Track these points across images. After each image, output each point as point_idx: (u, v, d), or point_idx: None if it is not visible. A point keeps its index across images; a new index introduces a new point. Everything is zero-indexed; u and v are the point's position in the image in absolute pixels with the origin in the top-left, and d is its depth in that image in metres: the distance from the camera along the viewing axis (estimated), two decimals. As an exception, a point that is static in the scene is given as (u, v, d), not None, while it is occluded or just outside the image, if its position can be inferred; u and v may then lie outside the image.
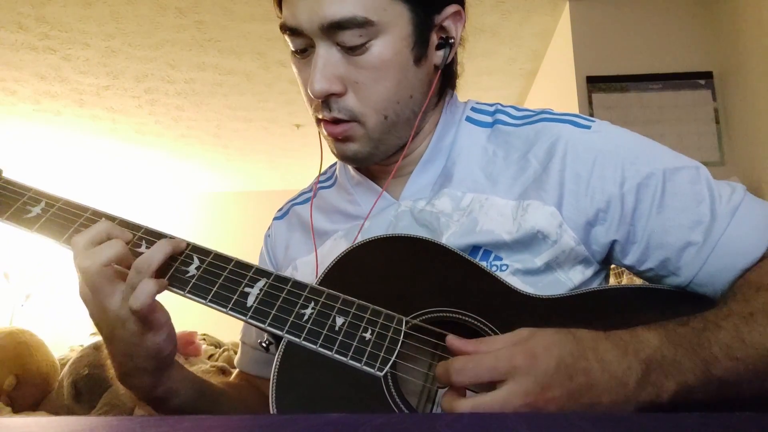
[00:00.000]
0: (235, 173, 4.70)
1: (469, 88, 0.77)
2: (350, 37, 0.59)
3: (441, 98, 0.72)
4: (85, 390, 2.30)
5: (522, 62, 2.76)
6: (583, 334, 0.48)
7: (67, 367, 2.40)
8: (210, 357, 3.13)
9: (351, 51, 0.60)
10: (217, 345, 3.49)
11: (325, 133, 0.65)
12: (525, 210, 0.64)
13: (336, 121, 0.63)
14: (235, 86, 3.02)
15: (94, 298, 0.56)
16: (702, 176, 0.63)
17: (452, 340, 0.49)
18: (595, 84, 2.13)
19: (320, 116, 0.64)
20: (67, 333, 4.11)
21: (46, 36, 2.47)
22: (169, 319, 0.59)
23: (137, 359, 0.58)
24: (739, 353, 0.49)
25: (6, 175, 0.67)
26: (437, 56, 0.66)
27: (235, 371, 0.86)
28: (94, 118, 3.43)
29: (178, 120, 3.50)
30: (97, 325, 0.58)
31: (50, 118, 3.42)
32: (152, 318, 0.57)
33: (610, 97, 2.11)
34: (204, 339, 3.47)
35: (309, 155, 4.16)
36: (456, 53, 0.71)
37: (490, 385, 0.46)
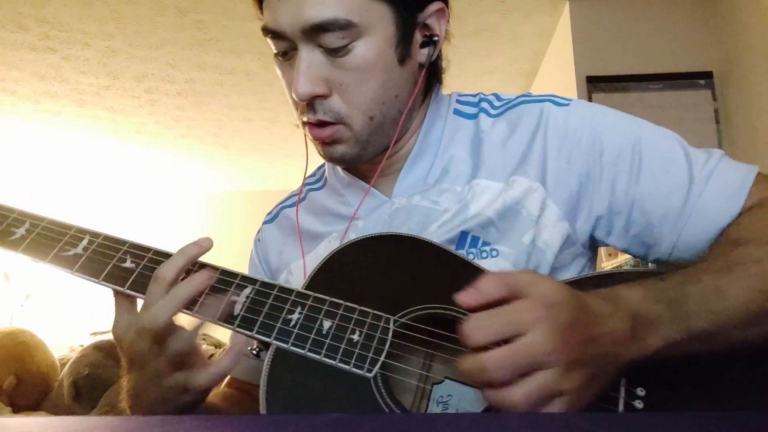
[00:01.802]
0: (235, 173, 4.70)
1: (469, 88, 0.77)
2: (332, 39, 0.59)
3: (427, 95, 0.72)
4: (85, 390, 2.30)
5: (522, 62, 2.76)
6: (573, 290, 0.47)
7: (67, 367, 2.40)
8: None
9: (333, 53, 0.60)
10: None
11: (311, 136, 0.65)
12: (510, 185, 0.65)
13: (322, 124, 0.63)
14: (236, 86, 3.02)
15: (148, 351, 0.53)
16: (678, 143, 0.64)
17: (462, 296, 0.46)
18: (595, 84, 2.13)
19: (305, 119, 0.64)
20: (67, 333, 4.11)
21: (46, 36, 2.47)
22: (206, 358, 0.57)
23: (169, 405, 0.55)
24: (716, 306, 0.50)
25: None
26: (421, 54, 0.66)
27: (227, 377, 0.85)
28: (94, 118, 3.43)
29: (178, 120, 3.50)
30: (130, 364, 0.56)
31: (50, 118, 3.42)
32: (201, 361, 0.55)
33: (610, 97, 2.11)
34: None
35: (309, 155, 4.16)
36: (441, 49, 0.71)
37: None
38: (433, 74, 0.71)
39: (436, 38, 0.66)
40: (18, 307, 4.32)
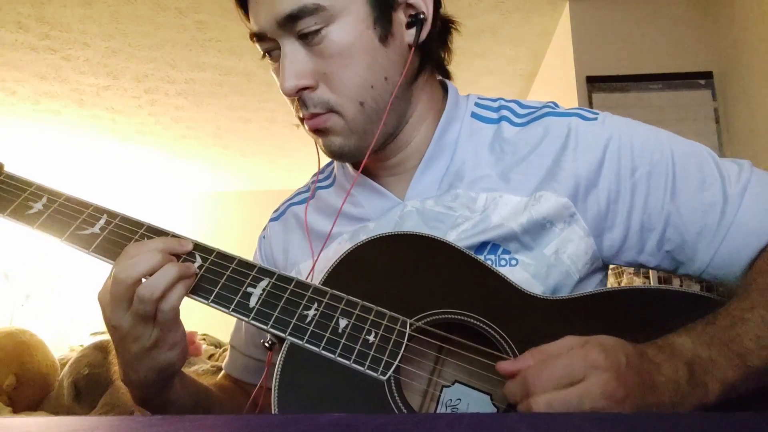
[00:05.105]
0: (235, 173, 4.69)
1: (469, 89, 0.76)
2: (305, 26, 0.59)
3: (419, 77, 0.69)
4: (85, 390, 2.30)
5: (522, 62, 2.76)
6: (627, 342, 0.48)
7: (67, 367, 2.39)
8: (210, 357, 3.13)
9: (310, 41, 0.60)
10: (217, 345, 3.48)
11: (307, 128, 0.65)
12: (537, 200, 0.64)
13: (315, 116, 0.63)
14: (235, 86, 3.02)
15: (112, 309, 0.55)
16: (710, 158, 0.64)
17: (504, 365, 0.48)
18: (595, 84, 2.13)
19: (300, 115, 0.64)
20: (67, 333, 4.11)
21: (46, 36, 2.47)
22: (184, 335, 0.58)
23: (142, 373, 0.57)
24: None
25: (8, 169, 0.67)
26: (409, 35, 0.65)
27: (222, 372, 0.84)
28: (94, 118, 3.42)
29: (178, 120, 3.50)
30: (109, 331, 0.57)
31: (50, 118, 3.42)
32: (169, 336, 0.56)
33: (610, 97, 2.11)
34: (204, 339, 3.46)
35: (309, 155, 4.14)
36: (450, 32, 0.70)
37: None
38: (427, 56, 0.69)
39: (422, 16, 0.64)
40: (18, 307, 4.32)
